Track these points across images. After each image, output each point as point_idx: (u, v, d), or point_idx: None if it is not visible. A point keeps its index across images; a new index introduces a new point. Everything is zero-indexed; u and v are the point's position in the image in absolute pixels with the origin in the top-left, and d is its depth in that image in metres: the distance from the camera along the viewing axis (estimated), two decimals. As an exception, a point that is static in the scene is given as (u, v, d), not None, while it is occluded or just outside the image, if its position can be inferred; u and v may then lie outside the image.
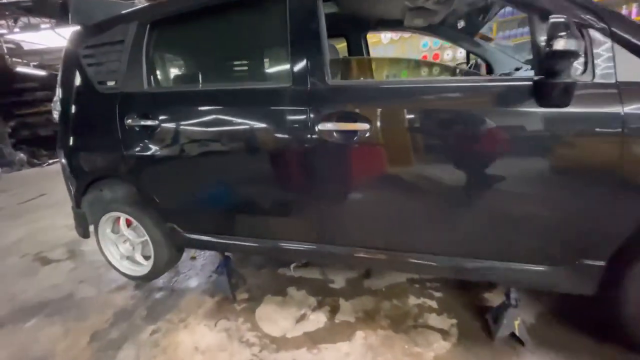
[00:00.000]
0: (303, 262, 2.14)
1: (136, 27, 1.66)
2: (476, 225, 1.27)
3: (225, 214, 1.68)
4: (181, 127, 1.58)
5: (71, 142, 1.88)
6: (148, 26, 1.64)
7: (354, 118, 1.28)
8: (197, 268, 2.28)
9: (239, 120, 1.50)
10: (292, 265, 2.14)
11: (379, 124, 1.25)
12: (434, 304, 1.73)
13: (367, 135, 1.26)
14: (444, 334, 1.52)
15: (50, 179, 6.52)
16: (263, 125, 1.44)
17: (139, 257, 1.97)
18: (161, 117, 1.59)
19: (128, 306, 1.91)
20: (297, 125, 1.36)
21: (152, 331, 1.70)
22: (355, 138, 1.28)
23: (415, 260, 1.39)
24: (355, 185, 1.40)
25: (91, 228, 2.08)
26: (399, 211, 1.36)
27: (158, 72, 1.75)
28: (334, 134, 1.30)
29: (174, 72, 1.88)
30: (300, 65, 1.35)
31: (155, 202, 1.76)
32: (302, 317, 1.70)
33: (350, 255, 1.48)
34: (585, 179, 1.09)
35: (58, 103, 1.91)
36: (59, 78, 1.92)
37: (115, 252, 2.04)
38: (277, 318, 1.72)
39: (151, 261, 1.92)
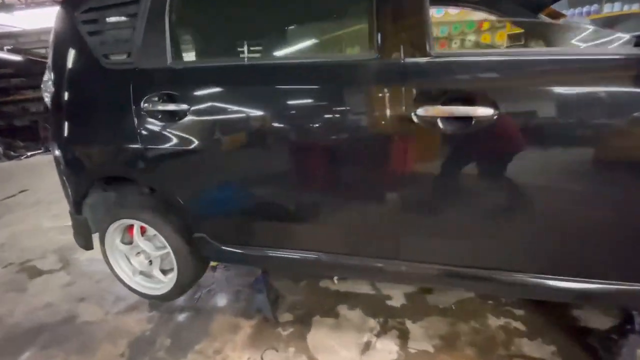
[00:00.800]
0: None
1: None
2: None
3: (278, 222, 1.34)
4: (220, 112, 1.23)
5: (68, 133, 1.49)
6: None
7: (471, 100, 0.96)
8: (220, 282, 1.94)
9: (300, 104, 1.16)
10: (335, 278, 1.84)
11: (508, 109, 0.94)
12: (519, 325, 1.46)
13: (489, 124, 0.95)
14: (548, 366, 1.26)
15: (30, 173, 5.98)
16: (334, 110, 1.11)
17: (157, 273, 1.62)
18: (193, 100, 1.24)
19: (145, 333, 1.57)
20: (384, 111, 1.04)
21: (182, 368, 1.38)
22: (469, 127, 0.97)
23: (537, 283, 1.07)
24: (466, 188, 1.07)
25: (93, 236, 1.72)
26: (527, 224, 1.05)
27: (187, 42, 1.38)
28: (439, 121, 0.99)
29: (209, 41, 1.47)
30: (390, 30, 1.02)
31: (180, 208, 1.41)
32: (367, 346, 1.40)
33: (443, 275, 1.18)
34: None
35: (50, 83, 1.52)
36: (50, 51, 1.52)
37: (127, 267, 1.68)
38: (335, 347, 1.41)
39: (173, 277, 1.57)
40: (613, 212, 0.96)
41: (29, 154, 7.90)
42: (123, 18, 1.34)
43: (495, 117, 0.93)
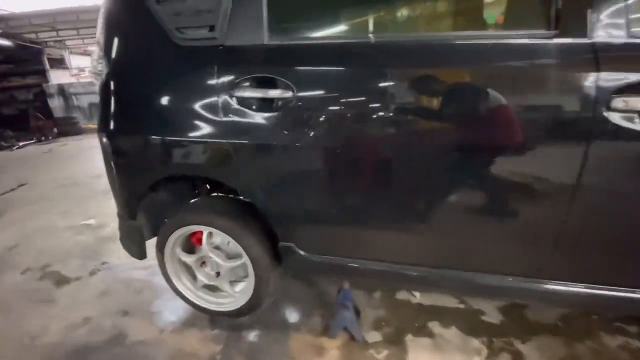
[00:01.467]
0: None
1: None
2: None
3: (389, 231, 1.15)
4: (334, 101, 1.01)
5: (124, 123, 1.25)
6: None
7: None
8: (279, 291, 1.73)
9: (435, 90, 0.96)
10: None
11: None
12: (641, 345, 1.32)
13: None
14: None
15: (25, 164, 5.59)
16: (486, 98, 0.92)
17: (227, 286, 1.40)
18: (299, 86, 1.02)
19: (216, 357, 1.35)
20: (564, 105, 0.85)
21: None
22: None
23: None
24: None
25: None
26: None
27: (291, 14, 1.14)
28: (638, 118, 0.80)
29: (323, 11, 1.20)
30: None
31: (267, 213, 1.20)
32: (483, 373, 1.24)
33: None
34: None
35: (101, 64, 1.27)
36: (101, 24, 1.27)
37: (187, 279, 1.46)
38: (444, 374, 1.24)
39: (247, 291, 1.36)
40: None
41: (20, 144, 7.42)
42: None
43: None
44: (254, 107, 1.07)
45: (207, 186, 1.54)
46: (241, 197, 1.35)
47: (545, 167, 0.91)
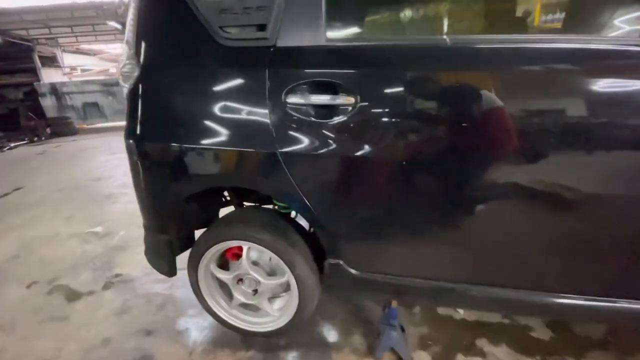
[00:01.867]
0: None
1: None
2: None
3: (451, 250, 1.06)
4: (406, 109, 0.93)
5: (156, 130, 1.14)
6: None
7: None
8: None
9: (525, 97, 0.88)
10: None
11: None
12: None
13: None
14: None
15: (18, 167, 5.38)
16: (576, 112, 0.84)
17: (266, 305, 1.30)
18: (364, 92, 0.93)
19: (257, 382, 1.26)
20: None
21: None
22: None
23: None
24: None
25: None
26: None
27: (355, 12, 1.04)
28: None
29: (389, 13, 1.09)
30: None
31: (320, 227, 1.11)
32: (546, 397, 1.16)
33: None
34: None
35: (130, 65, 1.15)
36: (132, 19, 1.16)
37: (222, 298, 1.35)
38: (505, 399, 1.16)
39: (288, 310, 1.26)
40: None
41: (12, 144, 7.16)
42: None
43: None
44: (310, 114, 0.98)
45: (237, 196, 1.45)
46: (275, 207, 1.26)
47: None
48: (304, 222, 1.28)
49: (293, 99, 0.98)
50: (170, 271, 1.33)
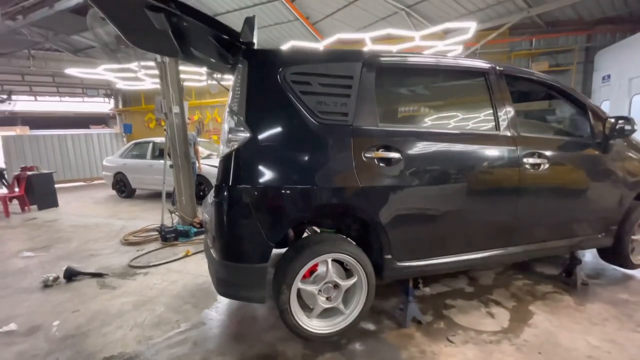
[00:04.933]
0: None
1: (363, 67, 1.73)
2: None
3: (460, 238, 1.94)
4: (429, 159, 1.78)
5: (265, 176, 1.57)
6: (376, 69, 1.76)
7: None
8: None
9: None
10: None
11: None
12: None
13: None
14: None
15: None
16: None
17: (342, 306, 1.70)
18: (404, 151, 1.72)
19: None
20: None
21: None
22: None
23: None
24: None
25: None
26: None
27: (390, 112, 1.88)
28: None
29: (408, 114, 2.01)
30: None
31: (382, 234, 1.73)
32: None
33: None
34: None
35: (240, 131, 1.55)
36: (238, 97, 1.58)
37: (302, 312, 1.68)
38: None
39: (356, 307, 1.72)
40: None
41: None
42: (338, 87, 1.69)
43: None
44: (379, 162, 1.69)
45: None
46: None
47: None
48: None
49: (368, 154, 1.67)
50: (265, 297, 1.59)
